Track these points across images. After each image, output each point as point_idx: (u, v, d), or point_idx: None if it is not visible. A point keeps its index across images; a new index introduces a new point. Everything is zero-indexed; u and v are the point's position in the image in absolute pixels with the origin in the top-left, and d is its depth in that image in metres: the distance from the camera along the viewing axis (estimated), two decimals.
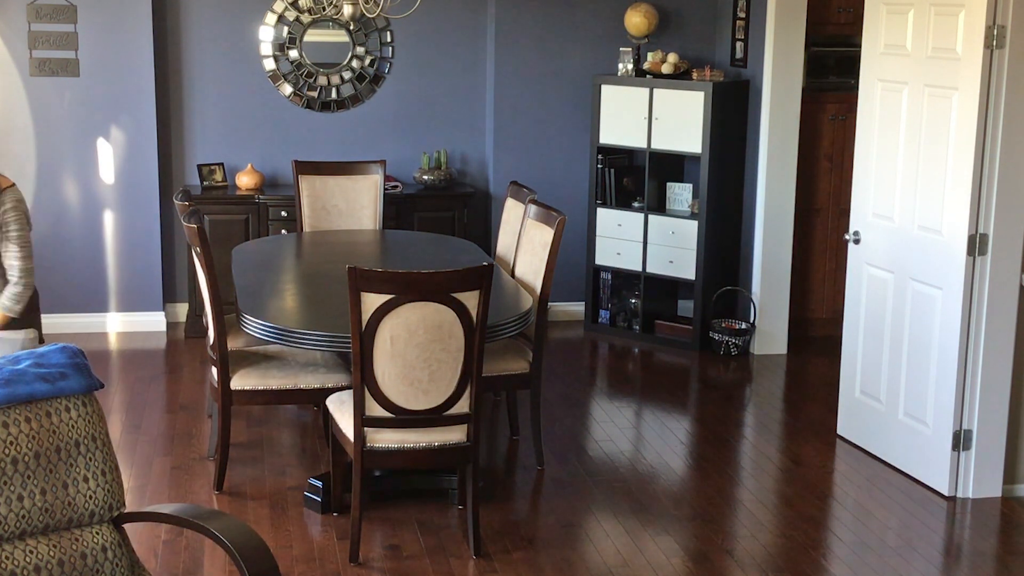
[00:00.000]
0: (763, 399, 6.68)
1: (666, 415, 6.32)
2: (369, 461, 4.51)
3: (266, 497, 5.10)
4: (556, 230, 5.32)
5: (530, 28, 7.68)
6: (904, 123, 5.41)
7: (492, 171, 7.81)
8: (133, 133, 7.30)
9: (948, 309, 5.17)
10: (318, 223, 6.66)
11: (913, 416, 5.42)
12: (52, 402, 3.09)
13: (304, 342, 4.66)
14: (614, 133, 7.49)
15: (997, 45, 4.91)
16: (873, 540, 4.83)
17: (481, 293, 4.39)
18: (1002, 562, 4.70)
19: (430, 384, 4.44)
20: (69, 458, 3.09)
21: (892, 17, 5.49)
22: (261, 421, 5.98)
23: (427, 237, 6.73)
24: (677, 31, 7.77)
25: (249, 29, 7.51)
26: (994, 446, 5.21)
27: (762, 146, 7.19)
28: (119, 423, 5.90)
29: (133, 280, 7.46)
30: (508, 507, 5.07)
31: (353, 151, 7.65)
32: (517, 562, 4.56)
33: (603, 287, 7.73)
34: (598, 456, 5.69)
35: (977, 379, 5.15)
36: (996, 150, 4.97)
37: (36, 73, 7.15)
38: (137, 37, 7.21)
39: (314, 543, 4.68)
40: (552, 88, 7.77)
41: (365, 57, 7.67)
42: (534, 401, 5.46)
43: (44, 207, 7.26)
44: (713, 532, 4.88)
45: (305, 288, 5.55)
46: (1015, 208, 5.04)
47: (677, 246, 7.35)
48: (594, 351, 7.50)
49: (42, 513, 3.04)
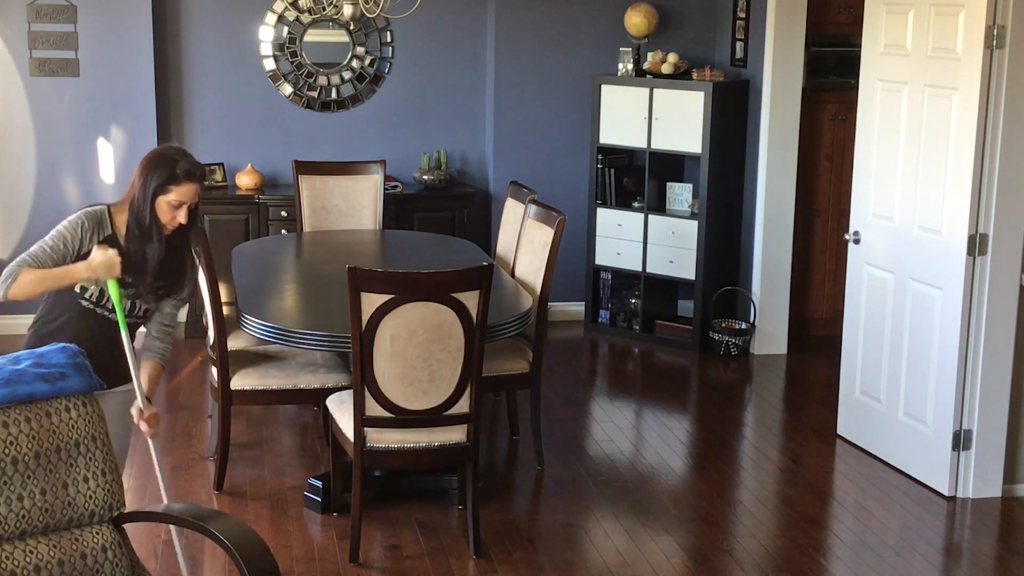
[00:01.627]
0: (763, 399, 6.68)
1: (666, 415, 6.32)
2: (369, 461, 4.51)
3: (266, 497, 5.10)
4: (556, 230, 5.32)
5: (530, 28, 7.68)
6: (904, 123, 5.41)
7: (492, 171, 7.81)
8: (133, 133, 7.30)
9: (948, 309, 5.17)
10: (318, 223, 6.65)
11: (913, 416, 5.42)
12: (52, 402, 3.09)
13: (304, 342, 4.66)
14: (614, 133, 7.49)
15: (997, 45, 4.91)
16: (873, 540, 4.83)
17: (481, 293, 4.39)
18: (1002, 562, 4.70)
19: (430, 384, 4.43)
20: (69, 458, 3.09)
21: (892, 17, 5.49)
22: (261, 421, 5.97)
23: (427, 237, 6.73)
24: (677, 31, 7.77)
25: (249, 29, 7.51)
26: (994, 446, 5.21)
27: (762, 146, 7.19)
28: None
29: None
30: (508, 507, 5.07)
31: (353, 151, 7.64)
32: (517, 562, 4.56)
33: (603, 287, 7.73)
34: (598, 456, 5.69)
35: (977, 379, 5.15)
36: (996, 150, 4.97)
37: (36, 73, 7.15)
38: (137, 37, 7.21)
39: (314, 543, 4.68)
40: (552, 88, 7.77)
41: (365, 57, 7.67)
42: (534, 401, 5.46)
43: (44, 207, 7.26)
44: (713, 532, 4.88)
45: (305, 288, 5.55)
46: (1015, 208, 5.04)
47: (677, 246, 7.35)
48: (594, 351, 7.50)
49: (42, 513, 3.04)
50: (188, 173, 3.67)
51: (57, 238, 3.67)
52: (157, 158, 3.71)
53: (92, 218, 3.71)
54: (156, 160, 3.69)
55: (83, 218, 3.70)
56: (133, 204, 3.68)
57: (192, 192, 3.69)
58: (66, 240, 3.67)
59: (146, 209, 3.67)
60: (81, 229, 3.68)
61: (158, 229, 3.70)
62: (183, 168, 3.67)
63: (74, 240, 3.67)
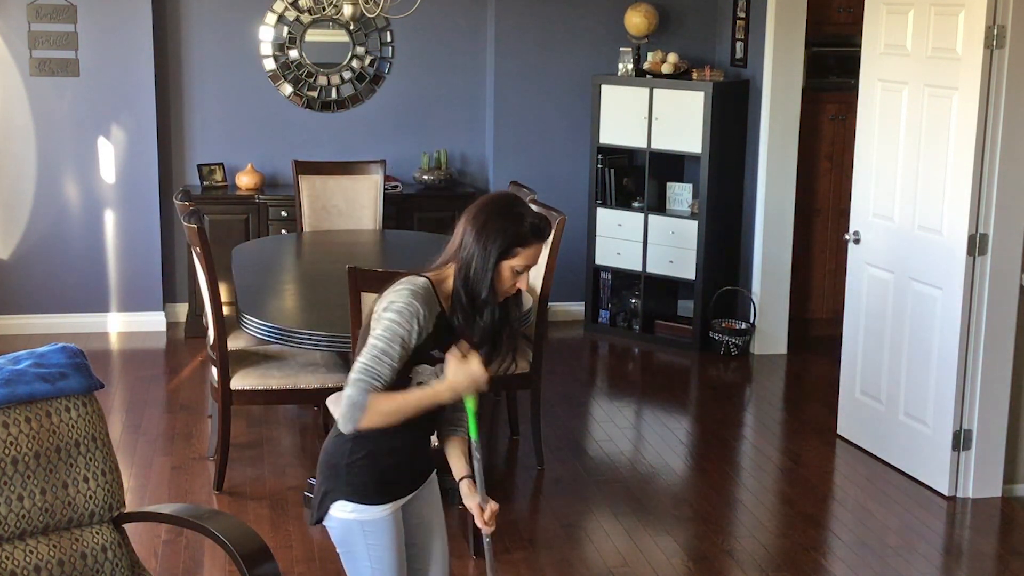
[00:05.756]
0: (763, 399, 6.68)
1: (666, 415, 6.32)
2: None
3: (266, 497, 5.10)
4: (556, 230, 5.32)
5: (530, 28, 7.68)
6: (904, 123, 5.41)
7: (492, 171, 7.81)
8: (133, 133, 7.30)
9: (948, 309, 5.17)
10: (318, 223, 6.65)
11: (913, 416, 5.42)
12: (52, 402, 3.09)
13: (304, 342, 4.66)
14: (614, 133, 7.49)
15: (997, 45, 4.91)
16: (873, 540, 4.83)
17: None
18: (1002, 562, 4.70)
19: None
20: (69, 458, 3.09)
21: (892, 17, 5.49)
22: (261, 421, 5.98)
23: (427, 237, 6.73)
24: (677, 31, 7.77)
25: (249, 29, 7.51)
26: (994, 446, 5.21)
27: (762, 146, 7.19)
28: (119, 423, 5.90)
29: (133, 280, 7.46)
30: (508, 507, 5.07)
31: (353, 151, 7.64)
32: (517, 562, 4.56)
33: (603, 287, 7.73)
34: (598, 456, 5.69)
35: (977, 379, 5.15)
36: (996, 150, 4.97)
37: (36, 73, 7.15)
38: (137, 37, 7.21)
39: (314, 543, 4.68)
40: (552, 88, 7.76)
41: (365, 57, 7.67)
42: (534, 401, 5.46)
43: (44, 207, 7.26)
44: (713, 532, 4.88)
45: (305, 288, 5.55)
46: (1015, 208, 5.04)
47: (677, 246, 7.35)
48: (594, 351, 7.50)
49: (42, 513, 3.04)
50: (538, 231, 2.93)
51: (393, 340, 2.86)
52: (498, 214, 2.93)
53: (423, 299, 2.90)
54: (497, 216, 2.92)
55: (415, 304, 2.88)
56: (467, 273, 2.92)
57: (538, 253, 2.96)
58: (403, 340, 2.87)
59: (486, 279, 2.92)
60: (417, 321, 2.87)
61: (494, 299, 2.96)
62: (532, 225, 2.92)
63: (410, 337, 2.88)
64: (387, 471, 3.05)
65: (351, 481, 3.02)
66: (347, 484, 3.02)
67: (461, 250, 2.93)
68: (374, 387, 2.85)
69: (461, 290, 2.94)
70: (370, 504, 3.03)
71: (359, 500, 3.02)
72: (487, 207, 2.95)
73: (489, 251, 2.89)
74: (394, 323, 2.86)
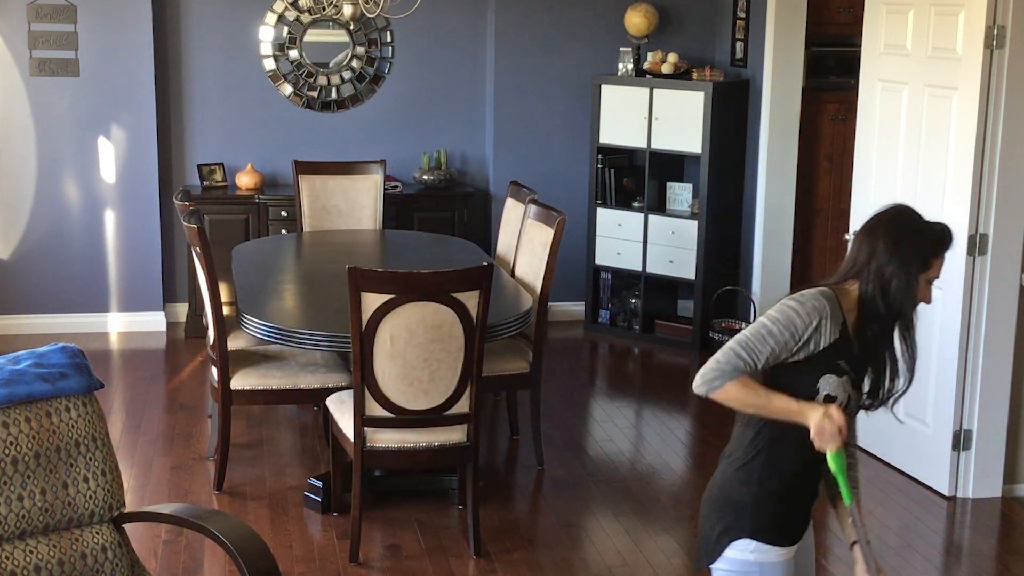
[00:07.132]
0: None
1: (666, 415, 6.32)
2: (369, 461, 4.51)
3: (266, 497, 5.10)
4: (556, 230, 5.32)
5: (530, 28, 7.68)
6: (904, 123, 5.41)
7: (492, 171, 7.81)
8: (133, 133, 7.30)
9: (948, 309, 5.17)
10: (318, 223, 6.65)
11: (913, 416, 5.42)
12: (52, 402, 3.09)
13: (304, 342, 4.66)
14: (614, 133, 7.49)
15: (997, 45, 4.91)
16: (873, 540, 4.82)
17: (481, 293, 4.39)
18: (1002, 562, 4.70)
19: (430, 384, 4.44)
20: (69, 458, 3.09)
21: (892, 17, 5.49)
22: (261, 421, 5.98)
23: (427, 237, 6.73)
24: (677, 31, 7.77)
25: (249, 29, 7.51)
26: (994, 446, 5.21)
27: (762, 146, 7.19)
28: (119, 423, 5.90)
29: (133, 280, 7.46)
30: (508, 507, 5.07)
31: (353, 151, 7.64)
32: (517, 562, 4.56)
33: (603, 287, 7.73)
34: (598, 456, 5.69)
35: (977, 379, 5.15)
36: (996, 150, 4.98)
37: (36, 73, 7.15)
38: (137, 37, 7.21)
39: (314, 543, 4.68)
40: (552, 88, 7.77)
41: (365, 57, 7.67)
42: (534, 401, 5.46)
43: (44, 207, 7.26)
44: None
45: (305, 288, 5.55)
46: (1015, 208, 5.04)
47: (677, 246, 7.35)
48: (594, 351, 7.50)
49: (42, 513, 3.04)
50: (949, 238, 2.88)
51: (786, 326, 2.81)
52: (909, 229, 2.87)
53: (831, 306, 2.83)
54: (908, 231, 2.85)
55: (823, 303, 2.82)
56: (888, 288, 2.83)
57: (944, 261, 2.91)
58: (795, 330, 2.81)
59: (909, 293, 2.84)
60: (819, 320, 2.81)
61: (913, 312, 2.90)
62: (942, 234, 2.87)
63: (804, 331, 2.81)
64: (792, 511, 2.93)
65: (757, 519, 2.90)
66: (752, 522, 2.89)
67: (870, 267, 2.85)
68: (745, 363, 2.84)
69: (882, 305, 2.85)
70: (773, 545, 2.90)
71: (764, 539, 2.89)
72: (894, 223, 2.88)
73: (911, 263, 2.83)
74: (793, 311, 2.82)
